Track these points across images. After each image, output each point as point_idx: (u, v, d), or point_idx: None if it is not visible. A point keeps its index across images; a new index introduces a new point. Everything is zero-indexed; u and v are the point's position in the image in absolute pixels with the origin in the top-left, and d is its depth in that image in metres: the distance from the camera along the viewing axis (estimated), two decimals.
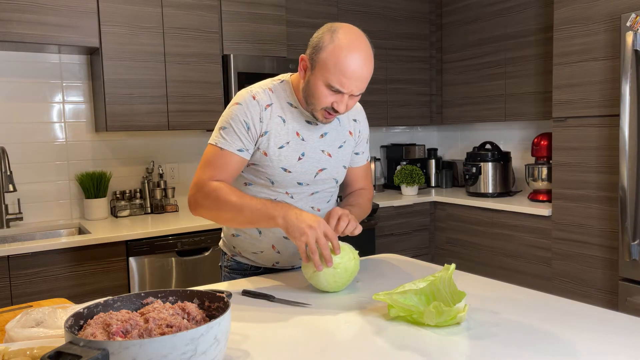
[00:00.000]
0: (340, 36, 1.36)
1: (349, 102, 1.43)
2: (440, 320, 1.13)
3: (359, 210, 1.63)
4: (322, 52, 1.37)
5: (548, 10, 3.12)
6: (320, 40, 1.39)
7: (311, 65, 1.41)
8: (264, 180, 1.54)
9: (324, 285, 1.39)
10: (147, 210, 3.06)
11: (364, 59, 1.37)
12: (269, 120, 1.49)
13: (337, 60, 1.35)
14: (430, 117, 3.98)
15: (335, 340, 1.10)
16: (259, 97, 1.49)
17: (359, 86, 1.39)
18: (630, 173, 2.42)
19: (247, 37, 3.06)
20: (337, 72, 1.36)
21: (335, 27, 1.39)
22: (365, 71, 1.38)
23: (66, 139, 2.94)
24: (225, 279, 1.73)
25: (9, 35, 2.45)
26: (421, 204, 3.58)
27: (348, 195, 1.73)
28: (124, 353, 0.79)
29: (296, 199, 1.57)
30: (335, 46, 1.36)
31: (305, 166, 1.54)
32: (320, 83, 1.39)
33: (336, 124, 1.60)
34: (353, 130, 1.65)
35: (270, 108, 1.49)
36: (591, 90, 2.68)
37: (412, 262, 1.74)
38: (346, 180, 1.75)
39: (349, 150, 1.65)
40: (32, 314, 1.14)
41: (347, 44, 1.35)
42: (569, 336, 1.08)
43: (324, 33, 1.39)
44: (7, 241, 2.64)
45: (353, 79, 1.37)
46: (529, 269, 3.07)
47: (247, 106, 1.48)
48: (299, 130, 1.52)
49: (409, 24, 3.81)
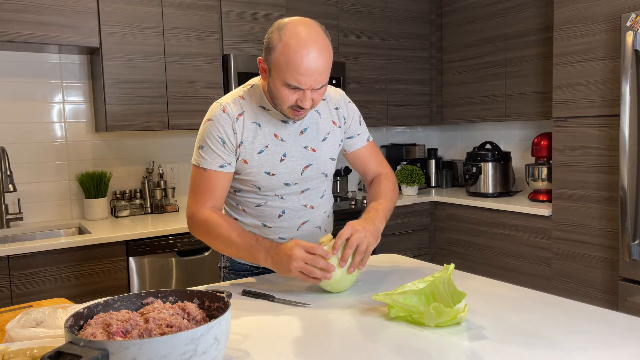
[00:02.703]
0: (287, 33, 1.34)
1: (313, 96, 1.40)
2: (440, 321, 1.13)
3: (388, 203, 1.57)
4: (273, 53, 1.36)
5: (548, 10, 3.12)
6: (269, 40, 1.37)
7: (268, 67, 1.40)
8: (250, 187, 1.54)
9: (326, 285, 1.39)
10: (147, 210, 3.06)
11: (317, 52, 1.33)
12: (242, 130, 1.48)
13: (287, 59, 1.32)
14: (430, 117, 3.98)
15: (335, 341, 1.10)
16: (229, 109, 1.48)
17: (318, 79, 1.36)
18: (630, 173, 2.42)
19: (247, 37, 3.06)
20: (290, 70, 1.33)
21: (282, 24, 1.36)
22: (320, 63, 1.34)
23: (66, 139, 2.94)
24: (224, 280, 1.73)
25: (9, 35, 2.45)
26: (421, 204, 3.58)
27: (370, 187, 1.68)
28: (124, 353, 0.79)
29: (286, 200, 1.57)
30: (284, 44, 1.33)
31: (289, 166, 1.53)
32: (278, 83, 1.37)
33: (316, 117, 1.57)
34: (337, 119, 1.61)
35: (242, 117, 1.48)
36: (591, 90, 2.68)
37: (412, 262, 1.74)
38: (357, 169, 1.72)
39: (336, 140, 1.61)
40: (32, 314, 1.14)
41: (295, 40, 1.32)
42: (569, 336, 1.08)
43: (273, 32, 1.37)
44: (7, 241, 2.64)
45: (308, 74, 1.33)
46: (529, 269, 3.07)
47: (218, 121, 1.47)
48: (276, 132, 1.51)
49: (409, 24, 3.81)
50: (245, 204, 1.59)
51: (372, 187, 1.67)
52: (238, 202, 1.61)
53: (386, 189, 1.63)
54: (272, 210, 1.57)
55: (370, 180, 1.71)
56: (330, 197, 1.71)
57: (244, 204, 1.60)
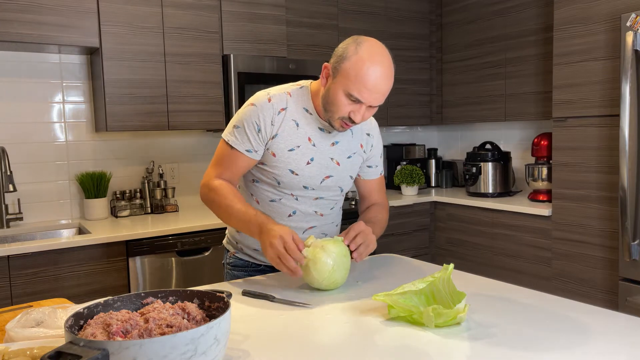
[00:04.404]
0: (364, 48, 1.41)
1: (365, 113, 1.47)
2: (440, 321, 1.13)
3: (378, 227, 1.66)
4: (345, 62, 1.42)
5: (548, 10, 3.12)
6: (345, 50, 1.44)
7: (333, 74, 1.46)
8: (271, 180, 1.59)
9: (319, 283, 1.40)
10: (147, 210, 3.06)
11: (386, 73, 1.41)
12: (280, 124, 1.53)
13: (359, 71, 1.39)
14: (430, 117, 3.98)
15: (335, 340, 1.10)
16: (274, 101, 1.54)
17: (378, 98, 1.43)
18: (630, 173, 2.42)
19: (247, 37, 3.06)
20: (357, 82, 1.40)
21: (360, 39, 1.44)
22: (385, 84, 1.42)
23: (66, 139, 2.94)
24: (228, 276, 1.77)
25: (9, 35, 2.45)
26: (421, 204, 3.58)
27: (365, 211, 1.75)
28: (124, 353, 0.79)
29: (300, 202, 1.61)
30: (359, 57, 1.40)
31: (313, 171, 1.58)
32: (340, 91, 1.44)
33: (348, 135, 1.64)
34: (365, 144, 1.69)
35: (284, 112, 1.54)
36: (591, 90, 2.68)
37: (412, 262, 1.74)
38: (361, 194, 1.79)
39: (358, 162, 1.68)
40: (32, 314, 1.14)
41: (370, 56, 1.40)
42: (568, 336, 1.08)
43: (349, 44, 1.44)
44: (7, 241, 2.64)
45: (374, 91, 1.41)
46: (529, 269, 3.07)
47: (261, 108, 1.53)
48: (311, 136, 1.56)
49: (409, 24, 3.81)
50: (260, 196, 1.63)
51: (369, 211, 1.74)
52: (254, 193, 1.65)
53: (382, 219, 1.71)
54: (284, 209, 1.62)
55: (367, 206, 1.78)
56: (340, 211, 1.77)
57: (258, 196, 1.64)
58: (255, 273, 1.70)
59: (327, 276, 1.38)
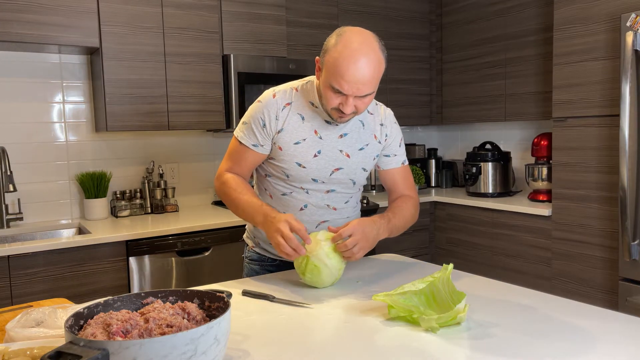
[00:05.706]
0: (343, 40, 1.41)
1: (357, 104, 1.46)
2: (441, 321, 1.13)
3: (400, 220, 1.63)
4: (327, 55, 1.44)
5: (548, 10, 3.12)
6: (327, 43, 1.46)
7: (322, 67, 1.47)
8: (280, 174, 1.62)
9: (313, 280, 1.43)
10: (147, 210, 3.06)
11: (364, 63, 1.39)
12: (285, 118, 1.56)
13: (336, 63, 1.40)
14: (430, 117, 3.98)
15: (335, 340, 1.10)
16: (279, 96, 1.59)
17: (361, 88, 1.41)
18: (630, 173, 2.42)
19: (247, 37, 3.06)
20: (337, 75, 1.40)
21: (342, 30, 1.44)
22: (365, 73, 1.39)
23: (66, 139, 2.94)
24: (245, 269, 1.81)
25: (9, 35, 2.45)
26: (421, 204, 3.58)
27: (393, 202, 1.73)
28: (124, 353, 0.79)
29: (311, 195, 1.63)
30: (336, 49, 1.41)
31: (321, 164, 1.59)
32: (326, 85, 1.45)
33: (359, 126, 1.63)
34: (379, 135, 1.67)
35: (289, 106, 1.58)
36: (591, 90, 2.68)
37: (411, 262, 1.74)
38: (386, 186, 1.77)
39: (372, 153, 1.67)
40: (32, 314, 1.14)
41: (347, 48, 1.39)
42: (568, 336, 1.08)
43: (332, 36, 1.45)
44: (7, 241, 2.64)
45: (352, 82, 1.40)
46: (529, 269, 3.07)
47: (265, 104, 1.58)
48: (317, 129, 1.58)
49: (409, 24, 3.81)
50: (273, 190, 1.66)
51: (396, 204, 1.70)
52: (267, 187, 1.68)
53: (407, 211, 1.68)
54: (295, 202, 1.63)
55: (394, 198, 1.75)
56: (357, 205, 1.76)
57: (271, 190, 1.67)
58: (271, 267, 1.74)
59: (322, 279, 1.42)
